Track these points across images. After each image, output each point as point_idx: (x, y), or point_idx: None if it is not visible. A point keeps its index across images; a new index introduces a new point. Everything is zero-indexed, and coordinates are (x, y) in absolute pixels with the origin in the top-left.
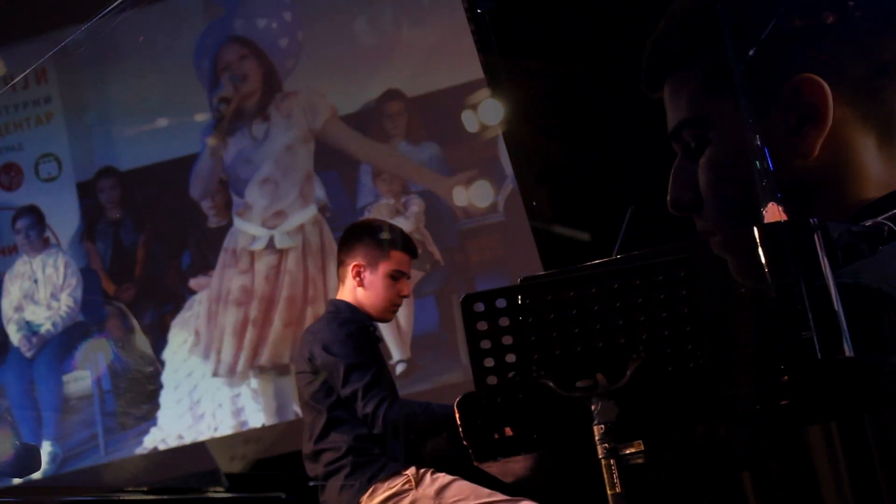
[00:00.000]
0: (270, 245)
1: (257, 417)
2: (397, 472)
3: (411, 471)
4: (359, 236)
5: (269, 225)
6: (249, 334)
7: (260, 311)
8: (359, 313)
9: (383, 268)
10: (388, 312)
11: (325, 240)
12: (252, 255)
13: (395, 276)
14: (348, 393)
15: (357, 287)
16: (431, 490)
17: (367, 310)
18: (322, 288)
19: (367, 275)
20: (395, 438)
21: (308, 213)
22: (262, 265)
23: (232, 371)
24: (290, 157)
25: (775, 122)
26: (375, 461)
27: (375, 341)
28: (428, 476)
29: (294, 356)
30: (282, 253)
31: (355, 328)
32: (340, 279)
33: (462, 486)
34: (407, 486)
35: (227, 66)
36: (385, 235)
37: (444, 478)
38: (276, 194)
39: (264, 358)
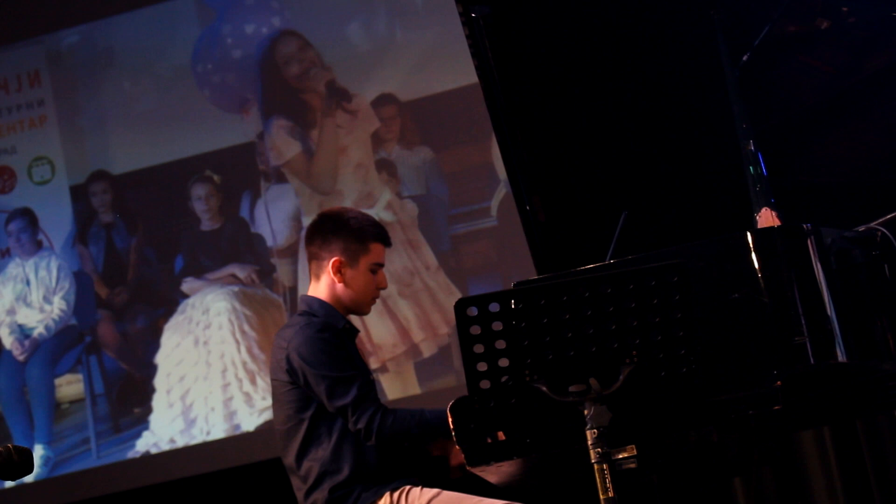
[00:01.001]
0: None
1: (250, 421)
2: (372, 502)
3: (385, 500)
4: (334, 229)
5: (364, 206)
6: None
7: None
8: (334, 313)
9: (364, 262)
10: (367, 306)
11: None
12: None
13: (374, 269)
14: (336, 408)
15: (337, 283)
16: None
17: (345, 304)
18: None
19: (347, 271)
20: (389, 449)
21: (389, 195)
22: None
23: None
24: (366, 145)
25: None
26: (349, 496)
27: (352, 335)
28: (403, 500)
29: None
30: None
31: (331, 335)
32: (314, 274)
33: (445, 499)
34: None
35: (287, 59)
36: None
37: (422, 497)
38: (367, 178)
39: None
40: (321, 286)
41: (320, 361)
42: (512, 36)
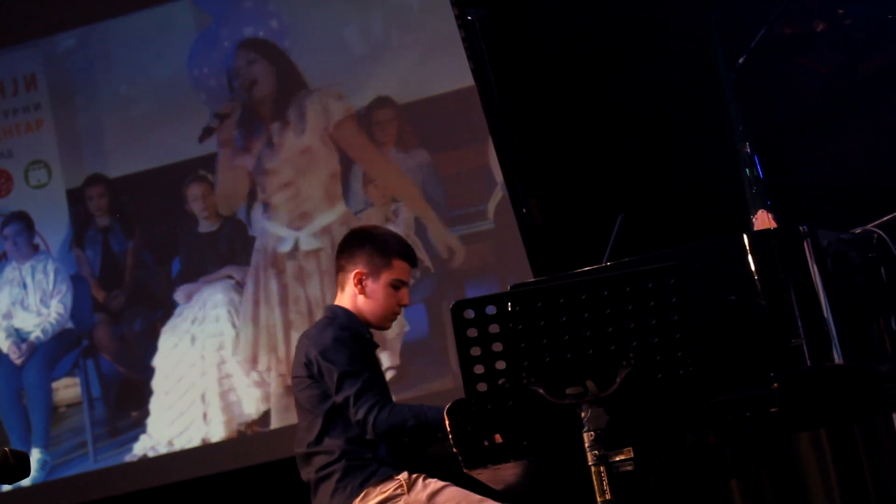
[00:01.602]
0: (296, 248)
1: (251, 424)
2: (389, 477)
3: (403, 476)
4: (361, 243)
5: (294, 227)
6: (293, 337)
7: (298, 313)
8: (356, 320)
9: (385, 277)
10: (387, 321)
11: None
12: (283, 256)
13: (396, 286)
14: (341, 399)
15: (358, 295)
16: (423, 495)
17: (366, 317)
18: None
19: (368, 283)
20: (388, 443)
21: (335, 214)
22: (292, 267)
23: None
24: (308, 159)
25: None
26: (367, 466)
27: (372, 347)
28: (420, 481)
29: (292, 361)
30: (308, 255)
31: (350, 334)
32: (340, 285)
33: (454, 492)
34: (399, 491)
35: (236, 73)
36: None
37: (435, 483)
38: (299, 197)
39: None
40: (345, 297)
41: (334, 354)
42: (508, 38)
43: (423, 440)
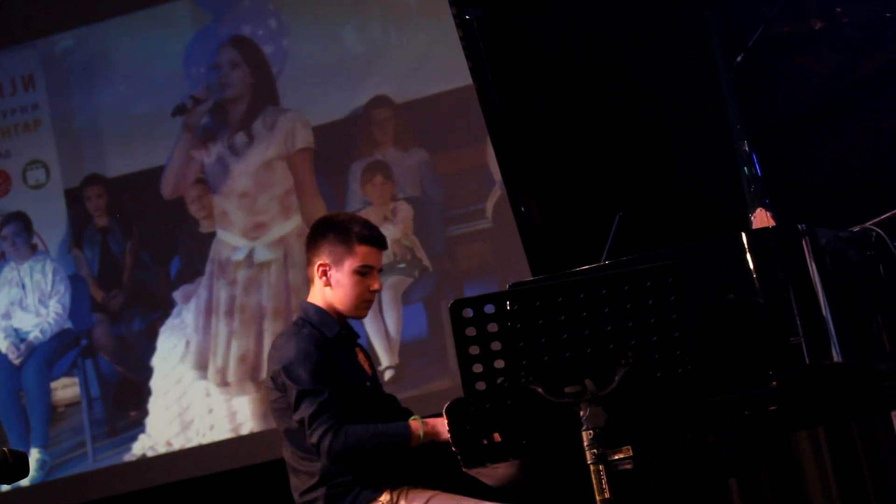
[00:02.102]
0: (250, 257)
1: (248, 424)
2: (373, 500)
3: (385, 498)
4: (322, 233)
5: (249, 237)
6: (235, 347)
7: (243, 323)
8: (327, 318)
9: (349, 264)
10: (361, 310)
11: None
12: (235, 266)
13: (363, 272)
14: (297, 419)
15: (325, 287)
16: None
17: (338, 308)
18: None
19: (333, 273)
20: (342, 466)
21: (290, 226)
22: (243, 276)
23: (224, 383)
24: (269, 174)
25: None
26: (349, 492)
27: (348, 347)
28: (402, 500)
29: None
30: (262, 265)
31: (314, 347)
32: (310, 279)
33: (442, 501)
34: None
35: (218, 66)
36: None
37: (421, 495)
38: (255, 208)
39: (261, 371)
40: (315, 291)
41: (295, 373)
42: (506, 37)
43: (379, 460)
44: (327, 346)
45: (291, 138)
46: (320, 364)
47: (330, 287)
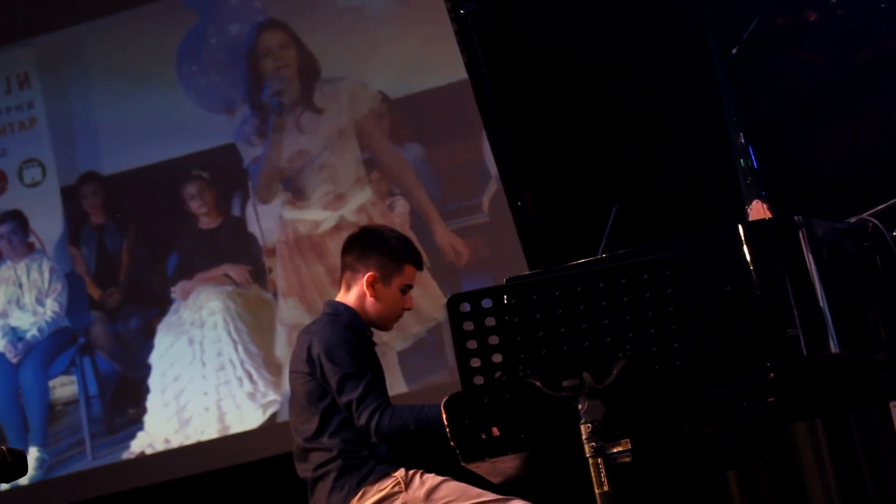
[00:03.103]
0: (339, 225)
1: (245, 421)
2: (387, 475)
3: (400, 473)
4: (373, 245)
5: (333, 208)
6: None
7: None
8: (359, 319)
9: (397, 281)
10: (391, 323)
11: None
12: (323, 239)
13: (405, 290)
14: (343, 403)
15: (368, 297)
16: (421, 492)
17: (371, 318)
18: None
19: (380, 287)
20: (391, 445)
21: (365, 196)
22: (335, 245)
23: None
24: (343, 142)
25: None
26: (365, 464)
27: (372, 346)
28: (417, 478)
29: (291, 355)
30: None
31: (353, 334)
32: (345, 283)
33: (452, 487)
34: (397, 489)
35: (267, 52)
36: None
37: (433, 479)
38: (336, 179)
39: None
40: (351, 296)
41: (338, 354)
42: (500, 31)
43: (426, 441)
44: (364, 336)
45: (356, 103)
46: (360, 349)
47: (374, 298)
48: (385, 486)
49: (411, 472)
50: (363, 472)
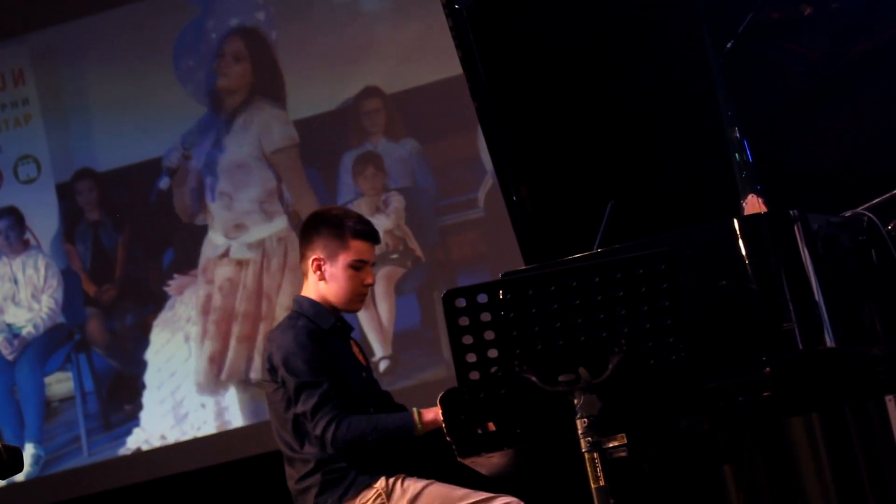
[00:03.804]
0: (226, 255)
1: (242, 417)
2: (368, 486)
3: (381, 483)
4: (316, 227)
5: (230, 236)
6: (207, 346)
7: (215, 323)
8: (322, 311)
9: (343, 259)
10: (354, 303)
11: (289, 258)
12: (214, 264)
13: (357, 266)
14: (299, 412)
15: (319, 281)
16: (404, 501)
17: (332, 302)
18: (273, 307)
19: (327, 268)
20: (346, 456)
21: (272, 229)
22: (220, 275)
23: (202, 384)
24: (244, 174)
25: None
26: (344, 477)
27: (343, 339)
28: (399, 487)
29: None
30: (240, 264)
31: (311, 339)
32: (304, 274)
33: (435, 492)
34: (379, 501)
35: (222, 54)
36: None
37: (415, 485)
38: (232, 207)
39: (224, 372)
40: (309, 285)
41: (294, 363)
42: (496, 26)
43: (384, 450)
44: (323, 337)
45: (269, 136)
46: (318, 355)
47: (324, 281)
48: (367, 498)
49: (392, 480)
50: (343, 488)
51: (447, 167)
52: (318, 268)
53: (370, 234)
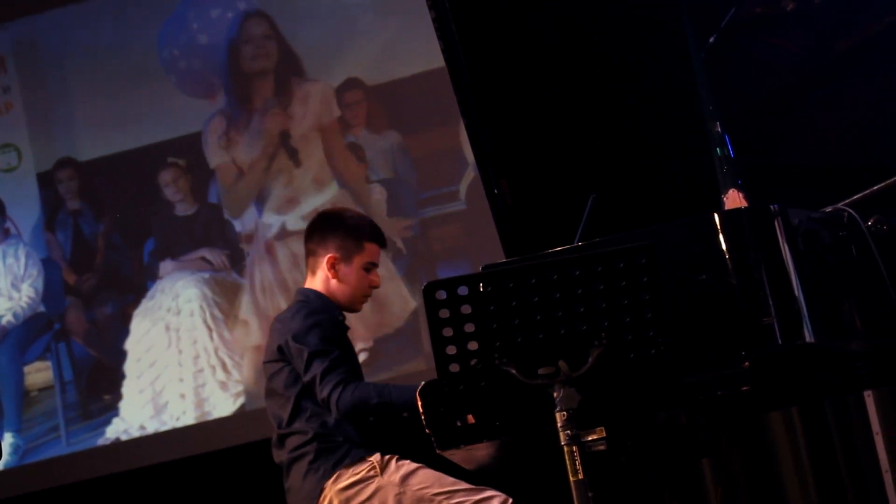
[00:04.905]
0: (282, 231)
1: (221, 407)
2: (362, 459)
3: (376, 457)
4: (332, 227)
5: (282, 211)
6: None
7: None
8: (329, 303)
9: (358, 260)
10: (359, 303)
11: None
12: (272, 244)
13: (368, 268)
14: (308, 379)
15: (331, 279)
16: (396, 477)
17: (339, 300)
18: None
19: (341, 267)
20: (353, 422)
21: (324, 197)
22: (282, 253)
23: None
24: (301, 144)
25: None
26: (340, 447)
27: (344, 330)
28: (393, 463)
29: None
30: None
31: (324, 318)
32: (310, 269)
33: (427, 475)
34: (372, 473)
35: (248, 38)
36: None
37: (409, 465)
38: (290, 182)
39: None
40: (317, 281)
41: (305, 335)
42: (478, 18)
43: (389, 419)
44: (334, 320)
45: (324, 108)
46: (330, 330)
47: (336, 280)
48: (360, 469)
49: (387, 457)
50: (338, 455)
51: (428, 159)
52: (332, 266)
53: (382, 239)
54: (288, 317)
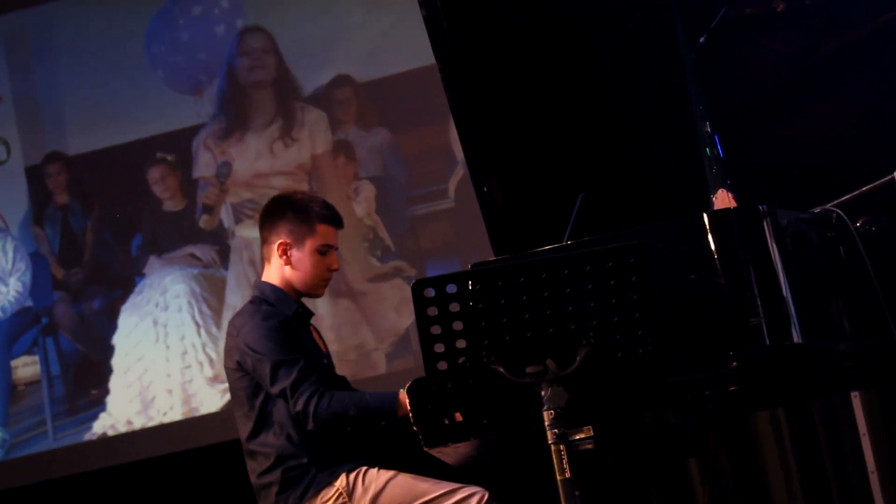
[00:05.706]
0: None
1: (208, 403)
2: (328, 484)
3: (341, 482)
4: (281, 211)
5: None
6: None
7: None
8: (284, 297)
9: (310, 244)
10: (319, 288)
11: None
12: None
13: (323, 251)
14: (277, 392)
15: (284, 266)
16: (366, 499)
17: (296, 287)
18: None
19: (293, 252)
20: (328, 433)
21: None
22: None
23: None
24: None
25: None
26: (304, 475)
27: (304, 324)
28: (360, 484)
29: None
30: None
31: (278, 322)
32: (266, 258)
33: (398, 486)
34: (340, 500)
35: (248, 51)
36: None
37: (378, 479)
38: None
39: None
40: (272, 270)
41: (264, 347)
42: (469, 16)
43: (366, 428)
44: (289, 322)
45: (324, 135)
46: (287, 335)
47: (290, 266)
48: (328, 497)
49: (353, 475)
50: (303, 486)
51: (418, 157)
52: (284, 252)
53: (336, 219)
54: (242, 321)
